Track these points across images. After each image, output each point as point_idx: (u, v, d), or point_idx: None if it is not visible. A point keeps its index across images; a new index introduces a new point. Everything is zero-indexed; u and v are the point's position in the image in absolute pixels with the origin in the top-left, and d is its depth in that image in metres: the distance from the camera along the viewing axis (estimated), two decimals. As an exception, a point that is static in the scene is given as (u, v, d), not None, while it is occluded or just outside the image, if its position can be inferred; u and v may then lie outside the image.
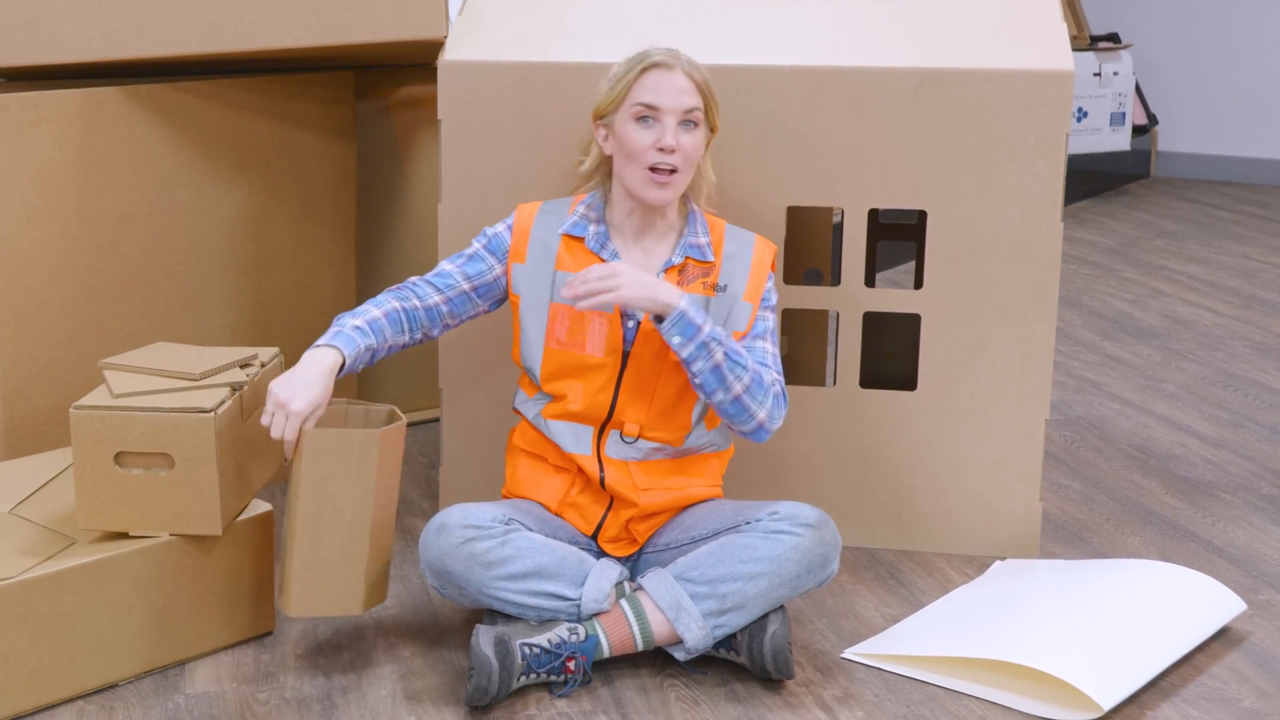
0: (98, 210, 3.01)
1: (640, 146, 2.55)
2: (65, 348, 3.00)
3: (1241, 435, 3.82)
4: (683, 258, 2.62)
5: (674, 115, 2.55)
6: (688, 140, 2.56)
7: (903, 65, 2.88)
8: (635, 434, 2.61)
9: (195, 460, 2.47)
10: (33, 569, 2.38)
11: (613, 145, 2.61)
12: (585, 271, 2.49)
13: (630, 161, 2.57)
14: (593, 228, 2.63)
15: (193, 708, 2.44)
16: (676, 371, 2.59)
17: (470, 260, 2.67)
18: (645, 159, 2.55)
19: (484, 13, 3.09)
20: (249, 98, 3.20)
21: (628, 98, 2.57)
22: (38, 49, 2.86)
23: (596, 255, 2.61)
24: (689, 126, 2.57)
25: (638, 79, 2.56)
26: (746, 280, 2.64)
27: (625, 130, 2.57)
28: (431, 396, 3.77)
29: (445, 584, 2.50)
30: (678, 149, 2.54)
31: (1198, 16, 7.64)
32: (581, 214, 2.65)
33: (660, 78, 2.56)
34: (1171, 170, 7.78)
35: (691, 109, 2.56)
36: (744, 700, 2.48)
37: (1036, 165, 2.88)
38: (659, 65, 2.56)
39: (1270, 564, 3.06)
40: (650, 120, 2.55)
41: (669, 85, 2.56)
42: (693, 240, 2.64)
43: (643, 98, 2.55)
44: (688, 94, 2.56)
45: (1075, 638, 2.53)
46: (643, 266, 2.62)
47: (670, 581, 2.51)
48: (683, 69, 2.57)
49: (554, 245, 2.63)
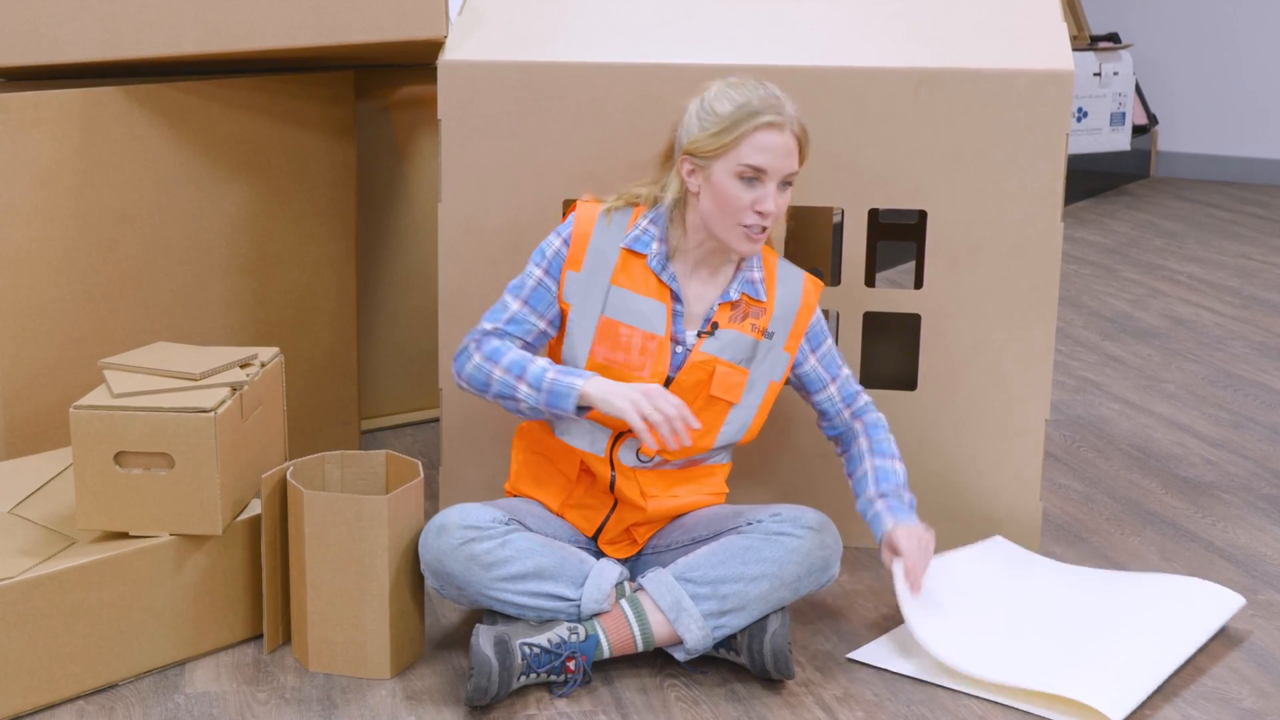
0: (98, 210, 3.01)
1: (740, 205, 2.50)
2: (65, 348, 3.00)
3: (1241, 435, 3.82)
4: (739, 294, 2.61)
5: (778, 178, 2.51)
6: (783, 200, 2.53)
7: (903, 65, 2.88)
8: (653, 454, 2.61)
9: (195, 460, 2.47)
10: (33, 569, 2.38)
11: (701, 184, 2.54)
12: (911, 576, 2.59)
13: (724, 214, 2.52)
14: (655, 245, 2.59)
15: (193, 708, 2.44)
16: (710, 405, 2.59)
17: (535, 292, 2.60)
18: (742, 218, 2.51)
19: (484, 13, 3.09)
20: (249, 98, 3.20)
21: (734, 153, 2.49)
22: (38, 49, 2.86)
23: (656, 275, 2.59)
24: (785, 187, 2.53)
25: (749, 137, 2.49)
26: (789, 330, 2.65)
27: (725, 183, 2.50)
28: (431, 396, 3.77)
29: (445, 585, 2.50)
30: (775, 212, 2.52)
31: (1198, 16, 7.64)
32: (644, 228, 2.60)
33: (771, 139, 2.49)
34: (1171, 170, 7.78)
35: (793, 174, 2.53)
36: (744, 700, 2.48)
37: (1036, 165, 2.88)
38: (772, 126, 2.49)
39: (1270, 564, 3.06)
40: (754, 181, 2.51)
41: (779, 148, 2.49)
42: (749, 275, 2.62)
43: (751, 159, 2.48)
44: (793, 156, 2.51)
45: (1087, 657, 2.53)
46: (698, 295, 2.60)
47: (671, 582, 2.51)
48: (791, 130, 2.51)
49: (612, 258, 2.59)
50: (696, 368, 2.58)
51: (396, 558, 2.49)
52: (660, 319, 2.57)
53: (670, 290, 2.58)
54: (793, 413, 2.99)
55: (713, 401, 2.60)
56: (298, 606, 2.55)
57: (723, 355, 2.59)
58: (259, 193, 3.26)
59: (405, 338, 3.77)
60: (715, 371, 2.59)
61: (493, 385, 2.55)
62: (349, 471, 2.69)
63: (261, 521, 2.56)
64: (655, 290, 2.58)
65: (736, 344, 2.60)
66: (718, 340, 2.59)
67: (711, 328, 2.59)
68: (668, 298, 2.58)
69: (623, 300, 2.57)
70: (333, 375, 3.49)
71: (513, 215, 2.98)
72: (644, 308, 2.57)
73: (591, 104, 2.90)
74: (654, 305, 2.57)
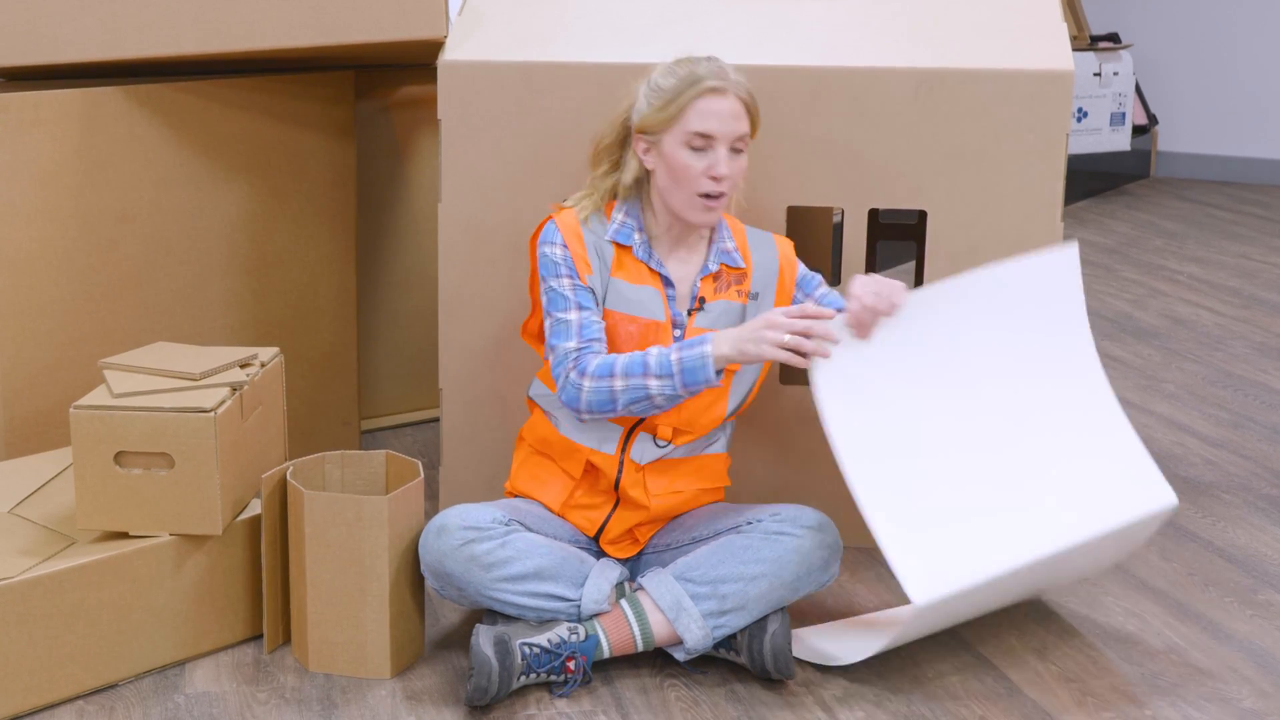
0: (98, 210, 3.01)
1: (692, 174, 2.52)
2: (65, 348, 3.00)
3: (1241, 435, 3.82)
4: (718, 265, 2.62)
5: (726, 142, 2.52)
6: (737, 165, 2.54)
7: (903, 65, 2.88)
8: (668, 437, 2.61)
9: (195, 460, 2.47)
10: (33, 569, 2.38)
11: (656, 161, 2.57)
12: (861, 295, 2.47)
13: (679, 185, 2.54)
14: (636, 235, 2.60)
15: (193, 708, 2.44)
16: None
17: (578, 293, 2.55)
18: (696, 186, 2.52)
19: (484, 13, 3.09)
20: (249, 98, 3.20)
21: (680, 122, 2.52)
22: (38, 49, 2.86)
23: (645, 264, 2.60)
24: (737, 151, 2.55)
25: (692, 104, 2.51)
26: (775, 287, 2.66)
27: (676, 154, 2.53)
28: (431, 396, 3.77)
29: (445, 585, 2.50)
30: (729, 176, 2.53)
31: (1198, 16, 7.64)
32: (621, 221, 2.61)
33: (715, 104, 2.51)
34: (1171, 170, 7.78)
35: (742, 135, 2.54)
36: (744, 700, 2.48)
37: (1036, 165, 2.88)
38: (714, 91, 2.51)
39: (1270, 564, 3.06)
40: (703, 148, 2.52)
41: (725, 112, 2.51)
42: (722, 246, 2.64)
43: (697, 125, 2.50)
44: (740, 119, 2.53)
45: (946, 519, 2.48)
46: (680, 275, 2.62)
47: (670, 582, 2.51)
48: (735, 93, 2.52)
49: (608, 253, 2.59)
50: None
51: (397, 558, 2.49)
52: (658, 305, 2.58)
53: (660, 275, 2.59)
54: (793, 413, 2.99)
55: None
56: (298, 606, 2.55)
57: (715, 326, 2.60)
58: (259, 193, 3.26)
59: (405, 338, 3.77)
60: None
61: (619, 398, 2.47)
62: (349, 471, 2.69)
63: (261, 521, 2.56)
64: (648, 278, 2.59)
65: (727, 313, 2.62)
66: (708, 314, 2.60)
67: (700, 303, 2.60)
68: (659, 283, 2.59)
69: (622, 292, 2.57)
70: (333, 375, 3.49)
71: (513, 215, 2.98)
72: (642, 296, 2.58)
73: (591, 104, 2.89)
74: (650, 292, 2.58)
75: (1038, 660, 2.64)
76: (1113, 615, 2.82)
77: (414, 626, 2.57)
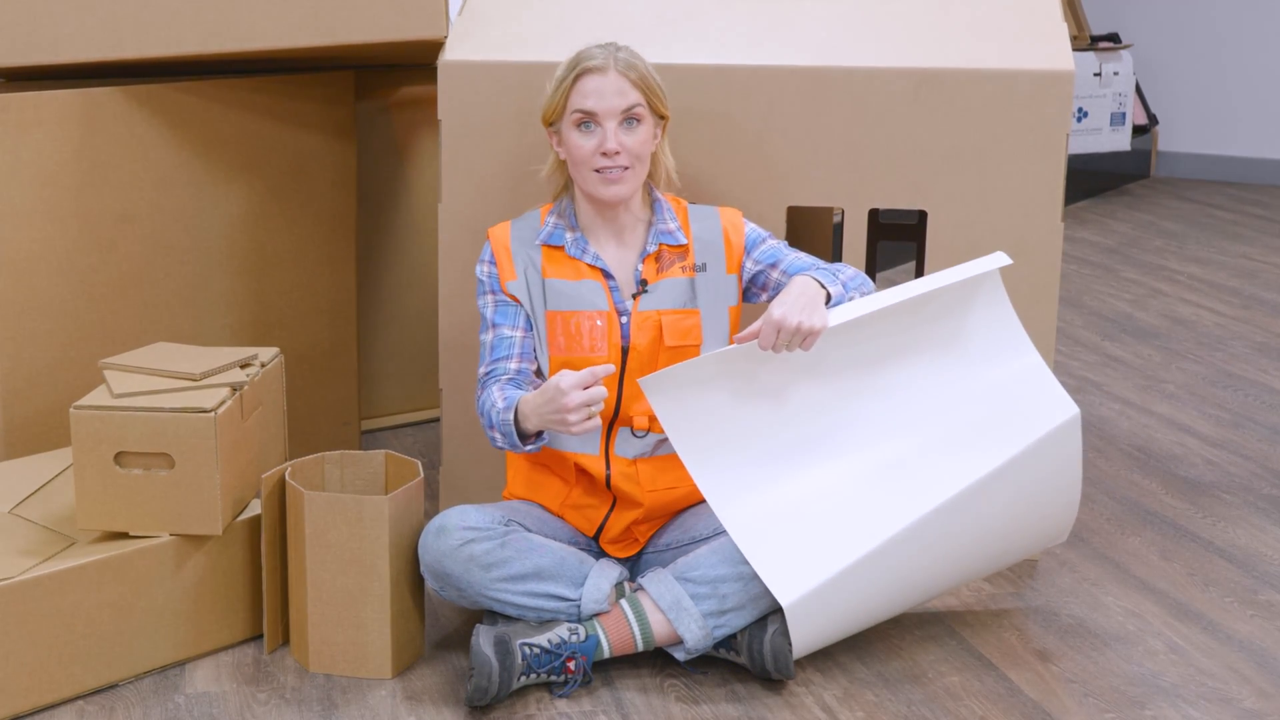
0: (98, 210, 3.01)
1: (584, 153, 2.56)
2: (65, 348, 3.00)
3: (1241, 435, 3.82)
4: (657, 245, 2.64)
5: (613, 118, 2.55)
6: (631, 139, 2.56)
7: (903, 65, 2.88)
8: (645, 426, 2.61)
9: (195, 460, 2.47)
10: (33, 569, 2.38)
11: (564, 150, 2.62)
12: (767, 336, 2.48)
13: (578, 167, 2.59)
14: (569, 235, 2.63)
15: (193, 708, 2.44)
16: (673, 354, 2.60)
17: (498, 311, 2.63)
18: (591, 164, 2.56)
19: (484, 13, 3.09)
20: (249, 98, 3.20)
21: (567, 105, 2.57)
22: (38, 49, 2.86)
23: (578, 260, 2.61)
24: (631, 124, 2.57)
25: (573, 85, 2.57)
26: (724, 255, 2.66)
27: (569, 137, 2.58)
28: (431, 396, 3.77)
29: (445, 586, 2.50)
30: (622, 150, 2.55)
31: (1198, 16, 7.64)
32: (554, 223, 2.65)
33: (595, 82, 2.55)
34: (1171, 170, 7.78)
35: (631, 107, 2.56)
36: (744, 700, 2.48)
37: (1036, 165, 2.88)
38: (592, 70, 2.56)
39: (1270, 564, 3.06)
40: (591, 125, 2.56)
41: (604, 88, 2.55)
42: (662, 227, 2.65)
43: (579, 104, 2.56)
44: (623, 94, 2.56)
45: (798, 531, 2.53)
46: (619, 261, 2.64)
47: (670, 581, 2.51)
48: (616, 69, 2.56)
49: (537, 256, 2.63)
50: (644, 328, 2.60)
51: (397, 558, 2.49)
52: (600, 295, 2.60)
53: (598, 269, 2.61)
54: (793, 413, 2.99)
55: (676, 351, 2.60)
56: (298, 607, 2.55)
57: (663, 305, 2.61)
58: (259, 193, 3.26)
59: (405, 338, 3.77)
60: (662, 323, 2.60)
61: (494, 439, 2.56)
62: (349, 471, 2.69)
63: (261, 521, 2.56)
64: (586, 272, 2.61)
65: (672, 290, 2.62)
66: (653, 295, 2.62)
67: (642, 286, 2.61)
68: (599, 275, 2.61)
69: (562, 291, 2.60)
70: (333, 375, 3.49)
71: (512, 215, 2.97)
72: (583, 290, 2.60)
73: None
74: (591, 285, 2.60)
75: (1038, 660, 2.64)
76: (1113, 615, 2.82)
77: (414, 626, 2.57)
